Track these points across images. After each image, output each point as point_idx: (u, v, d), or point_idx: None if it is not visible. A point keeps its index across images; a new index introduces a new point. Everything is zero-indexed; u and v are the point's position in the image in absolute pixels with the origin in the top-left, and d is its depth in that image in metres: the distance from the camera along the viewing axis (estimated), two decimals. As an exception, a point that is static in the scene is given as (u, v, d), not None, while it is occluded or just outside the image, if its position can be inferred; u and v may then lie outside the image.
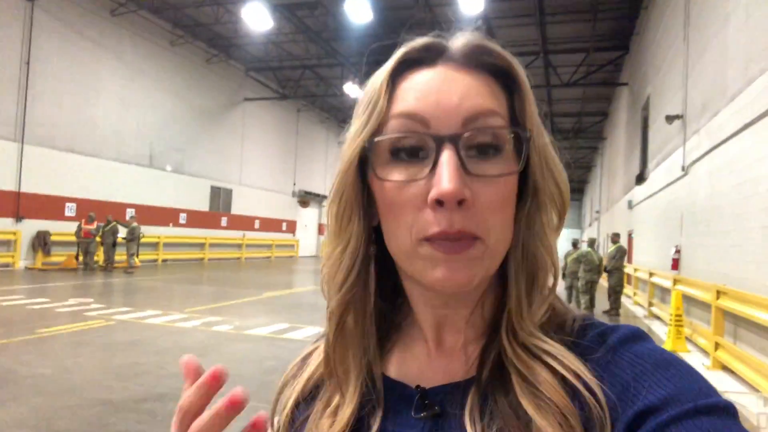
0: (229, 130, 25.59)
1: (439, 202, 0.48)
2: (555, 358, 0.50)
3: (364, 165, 0.54)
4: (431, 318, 0.57)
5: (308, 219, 33.96)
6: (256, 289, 14.17)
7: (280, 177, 30.40)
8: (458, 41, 0.54)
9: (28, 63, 15.98)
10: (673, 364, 0.47)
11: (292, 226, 32.22)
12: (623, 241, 15.85)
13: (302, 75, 25.48)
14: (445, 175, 0.47)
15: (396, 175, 0.51)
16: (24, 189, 16.00)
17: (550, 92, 22.99)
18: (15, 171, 15.79)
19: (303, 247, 33.38)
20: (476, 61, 0.53)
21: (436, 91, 0.51)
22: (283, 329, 8.39)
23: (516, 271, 0.54)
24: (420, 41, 0.55)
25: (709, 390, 0.45)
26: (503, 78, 0.54)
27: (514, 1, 16.67)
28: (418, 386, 0.56)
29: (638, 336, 0.51)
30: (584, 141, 32.44)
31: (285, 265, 25.60)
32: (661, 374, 0.46)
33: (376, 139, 0.51)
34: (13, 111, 15.75)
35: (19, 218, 15.84)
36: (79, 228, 16.26)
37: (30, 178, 16.13)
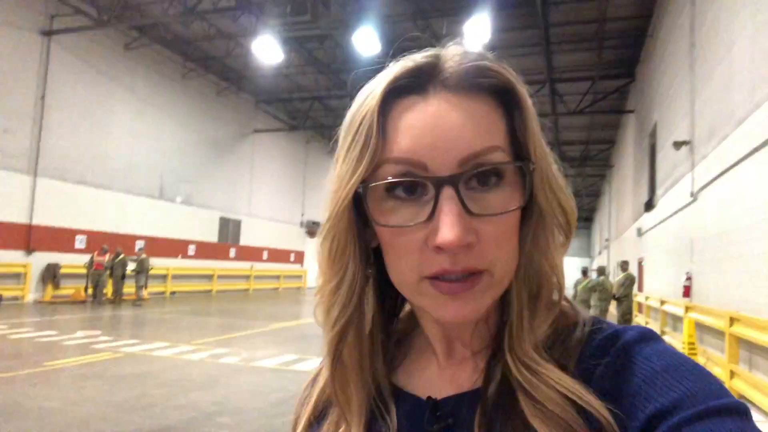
0: (238, 161, 25.84)
1: (441, 248, 0.47)
2: (553, 381, 0.49)
3: (358, 198, 0.51)
4: (440, 332, 0.57)
5: (316, 249, 33.91)
6: (264, 320, 14.09)
7: (288, 207, 30.55)
8: (451, 61, 0.51)
9: (43, 97, 16.31)
10: (683, 366, 0.46)
11: (300, 257, 32.23)
12: (633, 269, 15.69)
13: (311, 106, 25.82)
14: (447, 223, 0.46)
15: (395, 218, 0.49)
16: (35, 222, 16.14)
17: (557, 120, 23.10)
18: (27, 203, 15.96)
19: (311, 277, 33.33)
20: (471, 84, 0.50)
21: (431, 130, 0.48)
22: (291, 361, 8.31)
23: (518, 288, 0.53)
24: (408, 65, 0.51)
25: (720, 391, 0.44)
26: (502, 95, 0.52)
27: (520, 31, 16.90)
28: (429, 398, 0.56)
29: (648, 337, 0.50)
30: (592, 169, 32.44)
31: (293, 296, 25.50)
32: (671, 376, 0.45)
33: (372, 185, 0.49)
34: (27, 144, 16.01)
35: (29, 251, 15.94)
36: (92, 260, 16.32)
37: (41, 210, 16.28)
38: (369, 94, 0.52)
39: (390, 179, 0.49)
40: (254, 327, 12.36)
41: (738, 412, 0.43)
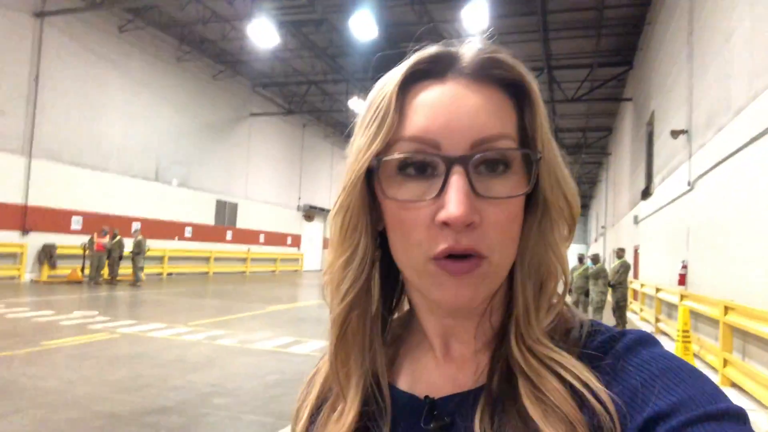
0: (235, 144, 25.73)
1: (447, 224, 0.48)
2: (563, 366, 0.49)
3: (370, 176, 0.53)
4: (438, 328, 0.57)
5: (313, 233, 33.99)
6: (261, 303, 14.14)
7: (285, 191, 30.50)
8: (468, 52, 0.53)
9: (36, 78, 16.16)
10: (682, 369, 0.46)
11: (296, 240, 32.24)
12: (629, 257, 15.77)
13: (308, 90, 25.66)
14: (454, 199, 0.47)
15: (404, 193, 0.51)
16: (31, 202, 16.09)
17: (555, 108, 23.07)
18: (22, 184, 15.90)
19: (307, 261, 33.37)
20: (486, 74, 0.52)
21: (446, 111, 0.50)
22: (288, 343, 8.36)
23: (523, 279, 0.53)
24: (428, 51, 0.54)
25: (718, 395, 0.44)
26: (514, 89, 0.53)
27: (518, 17, 16.79)
28: (426, 397, 0.55)
29: (646, 341, 0.50)
30: (589, 156, 32.47)
31: (289, 279, 25.56)
32: (669, 380, 0.45)
33: (385, 159, 0.51)
34: (22, 126, 15.89)
35: (25, 231, 15.91)
36: (91, 241, 16.33)
37: (37, 191, 16.22)
38: (390, 77, 0.54)
39: (402, 155, 0.50)
40: (251, 309, 12.41)
41: (737, 416, 0.43)
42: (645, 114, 16.18)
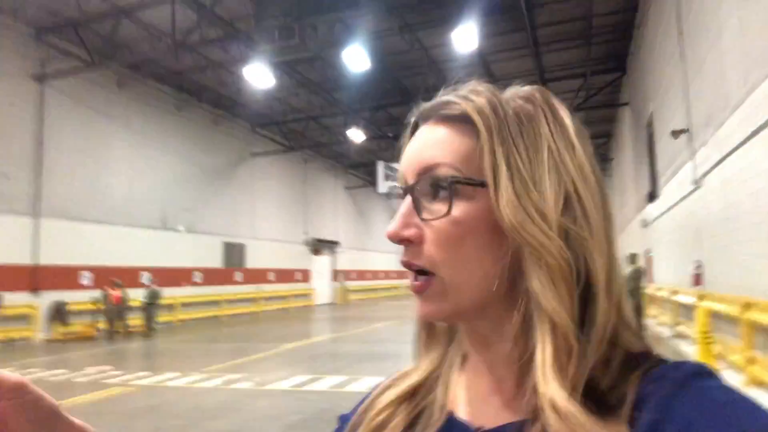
0: (238, 185, 25.92)
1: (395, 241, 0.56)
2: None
3: None
4: (472, 351, 0.60)
5: (322, 266, 33.92)
6: (274, 342, 14.00)
7: (291, 227, 30.58)
8: (436, 101, 0.60)
9: (42, 141, 16.44)
10: (740, 402, 0.44)
11: (306, 275, 32.18)
12: (641, 261, 15.58)
13: (307, 126, 25.92)
14: (394, 218, 0.56)
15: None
16: (41, 262, 16.16)
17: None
18: (31, 245, 15.98)
19: (319, 295, 33.23)
20: (444, 115, 0.58)
21: (408, 150, 0.59)
22: (304, 381, 8.22)
23: (536, 327, 0.52)
24: (415, 110, 0.63)
25: None
26: (469, 123, 0.56)
27: (507, 35, 16.96)
28: (478, 429, 0.56)
29: (704, 372, 0.48)
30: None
31: (302, 315, 25.39)
32: (727, 412, 0.43)
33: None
34: (27, 187, 16.07)
35: (36, 291, 15.93)
36: (105, 296, 16.37)
37: (46, 250, 16.29)
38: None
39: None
40: (265, 350, 12.27)
41: None
42: (644, 117, 16.17)
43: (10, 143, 15.75)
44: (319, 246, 32.93)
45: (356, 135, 24.05)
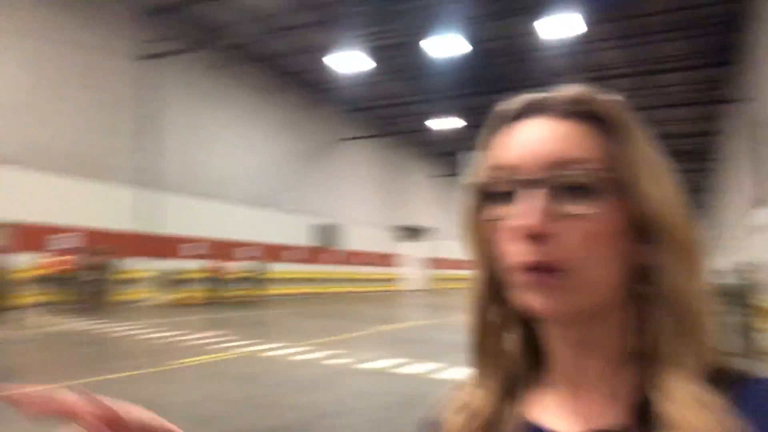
0: (329, 169, 26.64)
1: (523, 235, 0.52)
2: (712, 410, 0.47)
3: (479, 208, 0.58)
4: (567, 357, 0.58)
5: (411, 253, 34.04)
6: (367, 323, 14.13)
7: (380, 212, 30.98)
8: (557, 95, 0.57)
9: (152, 119, 17.82)
10: None
11: (394, 260, 32.46)
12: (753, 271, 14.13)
13: (397, 112, 26.02)
14: (525, 211, 0.51)
15: (493, 214, 0.56)
16: (153, 231, 17.50)
17: (653, 114, 21.63)
18: (144, 215, 17.34)
19: (407, 280, 33.40)
20: (571, 111, 0.55)
21: (525, 140, 0.55)
22: (399, 364, 8.16)
23: (657, 315, 0.53)
24: (517, 101, 0.58)
25: None
26: (606, 125, 0.55)
27: (614, 23, 15.97)
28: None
29: None
30: (691, 163, 29.95)
31: (392, 299, 25.58)
32: None
33: (473, 186, 0.59)
34: (141, 162, 17.40)
35: (149, 258, 17.25)
36: (212, 267, 17.65)
37: (157, 220, 17.67)
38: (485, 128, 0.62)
39: (486, 180, 0.57)
40: (359, 329, 12.38)
41: None
42: (760, 114, 14.65)
43: (119, 119, 17.03)
44: (407, 232, 33.07)
45: (445, 123, 23.80)
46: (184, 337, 10.17)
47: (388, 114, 26.80)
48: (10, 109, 14.39)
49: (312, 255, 25.20)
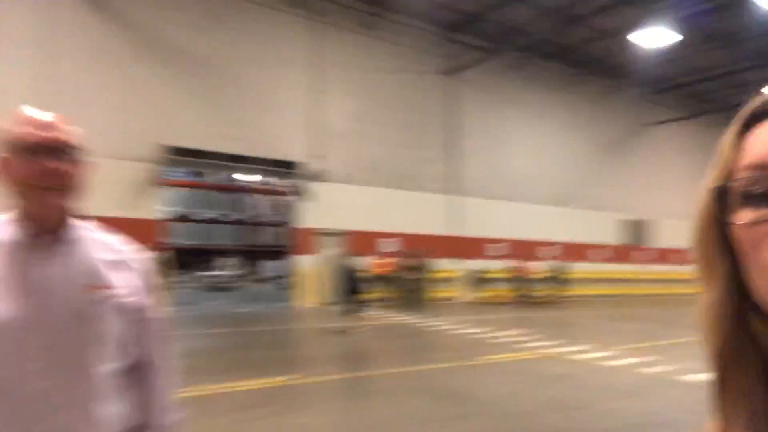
0: (633, 159, 24.76)
1: None
2: None
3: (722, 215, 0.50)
4: None
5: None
6: (687, 328, 12.72)
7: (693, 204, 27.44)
8: None
9: (454, 128, 19.30)
10: None
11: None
12: None
13: (713, 87, 22.60)
14: None
15: (746, 216, 0.46)
16: (460, 233, 18.98)
17: None
18: (451, 218, 18.84)
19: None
20: None
21: None
22: (727, 377, 7.22)
23: None
24: None
25: None
26: None
27: None
28: None
29: None
30: None
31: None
32: None
33: (720, 186, 0.50)
34: (446, 169, 18.99)
35: (457, 258, 18.75)
36: (516, 267, 18.41)
37: (463, 223, 19.08)
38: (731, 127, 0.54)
39: (741, 181, 0.48)
40: (676, 336, 11.27)
41: None
42: None
43: (428, 132, 18.83)
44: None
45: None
46: (491, 334, 10.77)
47: (700, 90, 23.57)
48: (342, 135, 17.30)
49: (619, 253, 23.75)
